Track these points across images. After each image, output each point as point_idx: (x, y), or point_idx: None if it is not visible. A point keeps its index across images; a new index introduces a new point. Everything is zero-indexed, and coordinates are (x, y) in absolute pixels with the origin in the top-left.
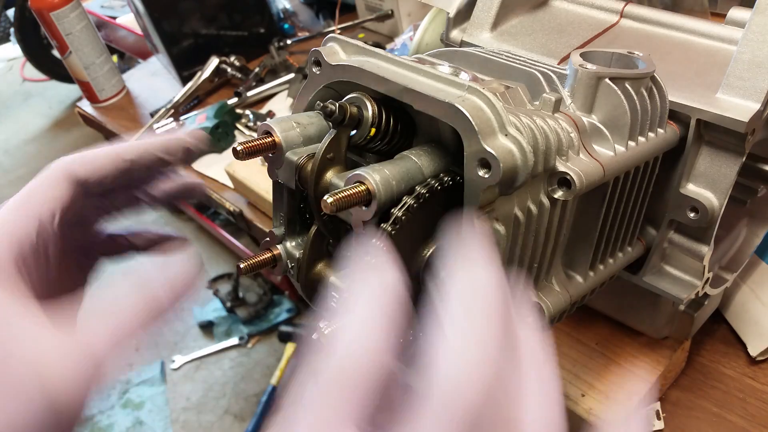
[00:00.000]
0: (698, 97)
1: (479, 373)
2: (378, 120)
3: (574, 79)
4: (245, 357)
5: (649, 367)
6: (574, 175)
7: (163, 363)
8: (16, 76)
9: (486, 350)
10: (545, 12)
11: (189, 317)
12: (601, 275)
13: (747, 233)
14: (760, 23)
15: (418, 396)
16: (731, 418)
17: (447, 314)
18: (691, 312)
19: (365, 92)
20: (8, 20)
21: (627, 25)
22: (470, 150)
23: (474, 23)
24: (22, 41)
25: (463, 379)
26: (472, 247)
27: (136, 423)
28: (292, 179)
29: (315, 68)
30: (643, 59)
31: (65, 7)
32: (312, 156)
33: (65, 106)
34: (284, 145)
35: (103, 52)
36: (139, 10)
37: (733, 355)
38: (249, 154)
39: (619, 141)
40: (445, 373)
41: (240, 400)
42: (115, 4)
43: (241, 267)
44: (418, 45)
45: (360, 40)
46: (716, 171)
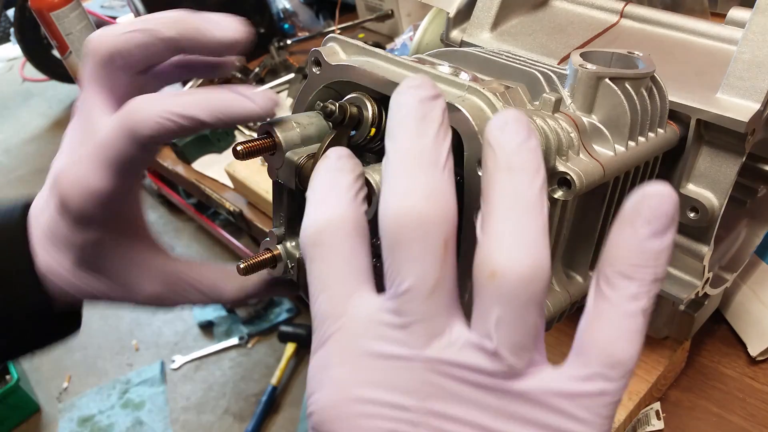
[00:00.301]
0: (698, 97)
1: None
2: (378, 120)
3: (574, 79)
4: (245, 357)
5: (649, 367)
6: (574, 175)
7: (163, 363)
8: (16, 76)
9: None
10: (545, 12)
11: (189, 317)
12: None
13: (747, 233)
14: (760, 23)
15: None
16: (731, 418)
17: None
18: (691, 312)
19: (365, 92)
20: (8, 20)
21: (627, 25)
22: (470, 150)
23: (474, 23)
24: (22, 41)
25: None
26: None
27: (136, 423)
28: (292, 179)
29: (315, 68)
30: (643, 59)
31: (65, 7)
32: (312, 156)
33: (65, 106)
34: (284, 145)
35: None
36: (139, 10)
37: (734, 355)
38: (249, 154)
39: (619, 141)
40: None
41: (240, 400)
42: (115, 4)
43: (241, 267)
44: (418, 45)
45: (360, 40)
46: (716, 171)
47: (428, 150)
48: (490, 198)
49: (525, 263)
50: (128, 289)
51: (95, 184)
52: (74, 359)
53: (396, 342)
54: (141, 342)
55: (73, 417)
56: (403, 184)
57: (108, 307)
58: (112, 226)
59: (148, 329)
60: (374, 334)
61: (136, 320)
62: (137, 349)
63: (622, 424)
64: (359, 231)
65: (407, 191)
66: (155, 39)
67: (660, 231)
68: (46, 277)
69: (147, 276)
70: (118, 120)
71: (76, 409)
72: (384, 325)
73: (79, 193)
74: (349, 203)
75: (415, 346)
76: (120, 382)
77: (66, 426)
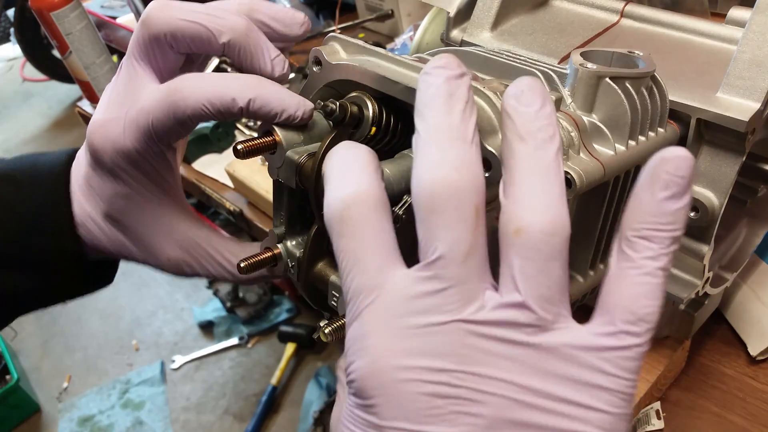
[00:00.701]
0: (698, 97)
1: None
2: (378, 119)
3: (574, 79)
4: (245, 357)
5: (649, 367)
6: (574, 175)
7: (163, 363)
8: (16, 76)
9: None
10: (545, 12)
11: (189, 317)
12: (601, 274)
13: (747, 233)
14: (760, 23)
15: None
16: (731, 417)
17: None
18: (692, 311)
19: (366, 91)
20: (8, 20)
21: (627, 24)
22: None
23: (474, 23)
24: (22, 41)
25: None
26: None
27: (136, 423)
28: (292, 178)
29: (315, 67)
30: (644, 59)
31: (65, 7)
32: (312, 155)
33: (65, 106)
34: (285, 144)
35: (103, 52)
36: (139, 10)
37: (734, 355)
38: (249, 153)
39: (620, 140)
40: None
41: (240, 400)
42: (115, 4)
43: (242, 266)
44: (418, 45)
45: (360, 40)
46: (716, 170)
47: (456, 125)
48: (510, 164)
49: (546, 218)
50: (151, 249)
51: (127, 144)
52: (74, 359)
53: (432, 308)
54: (141, 342)
55: (73, 417)
56: (435, 156)
57: (107, 309)
58: (141, 183)
59: (148, 329)
60: (410, 303)
61: (136, 320)
62: (137, 349)
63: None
64: (385, 206)
65: (440, 163)
66: (211, 38)
67: (678, 193)
68: (80, 226)
69: (169, 239)
70: (164, 93)
71: (76, 409)
72: (419, 294)
73: (111, 149)
74: (372, 177)
75: (451, 311)
76: (120, 382)
77: (66, 426)
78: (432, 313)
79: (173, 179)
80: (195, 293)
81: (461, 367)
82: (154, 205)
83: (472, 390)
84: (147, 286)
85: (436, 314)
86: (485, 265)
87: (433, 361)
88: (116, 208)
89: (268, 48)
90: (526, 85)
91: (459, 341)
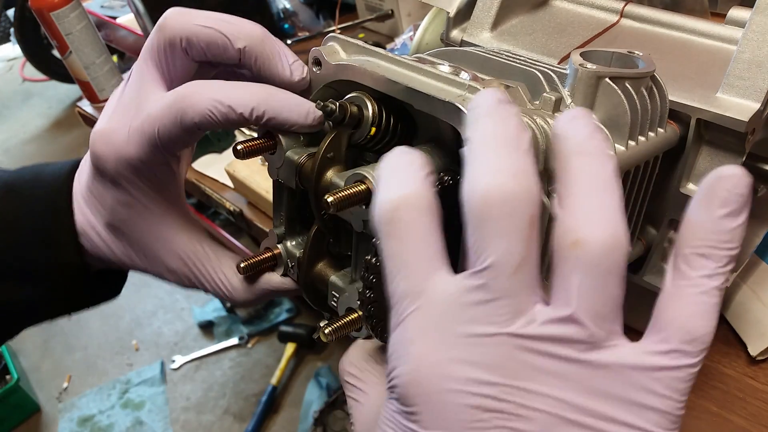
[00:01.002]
0: (698, 97)
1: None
2: (378, 119)
3: (574, 79)
4: (245, 357)
5: None
6: None
7: (163, 363)
8: (16, 76)
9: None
10: (545, 12)
11: (189, 317)
12: None
13: (747, 233)
14: (760, 23)
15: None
16: (732, 417)
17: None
18: None
19: (365, 91)
20: (8, 20)
21: (627, 24)
22: None
23: (474, 23)
24: (22, 41)
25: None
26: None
27: (136, 423)
28: (292, 178)
29: (315, 68)
30: (643, 59)
31: (65, 7)
32: (312, 155)
33: (65, 106)
34: (285, 145)
35: (103, 52)
36: (139, 10)
37: (734, 355)
38: (249, 154)
39: (620, 140)
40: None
41: (240, 400)
42: (115, 4)
43: (242, 266)
44: (418, 45)
45: (360, 40)
46: None
47: (513, 134)
48: (568, 178)
49: (607, 232)
50: (150, 259)
51: (131, 152)
52: (74, 359)
53: (480, 319)
54: (141, 342)
55: (73, 417)
56: (491, 163)
57: (107, 309)
58: (143, 193)
59: (148, 329)
60: (458, 311)
61: (136, 320)
62: (137, 349)
63: None
64: (434, 210)
65: (496, 170)
66: (227, 44)
67: (735, 211)
68: (82, 236)
69: (169, 250)
70: (171, 100)
71: (76, 409)
72: (468, 302)
73: (114, 157)
74: (423, 181)
75: (500, 323)
76: (120, 382)
77: (66, 426)
78: (480, 324)
79: (177, 189)
80: (195, 293)
81: (508, 381)
82: (156, 215)
83: (519, 405)
84: (147, 286)
85: (484, 325)
86: (537, 277)
87: (479, 373)
88: (118, 216)
89: (286, 53)
90: (579, 111)
91: (507, 354)
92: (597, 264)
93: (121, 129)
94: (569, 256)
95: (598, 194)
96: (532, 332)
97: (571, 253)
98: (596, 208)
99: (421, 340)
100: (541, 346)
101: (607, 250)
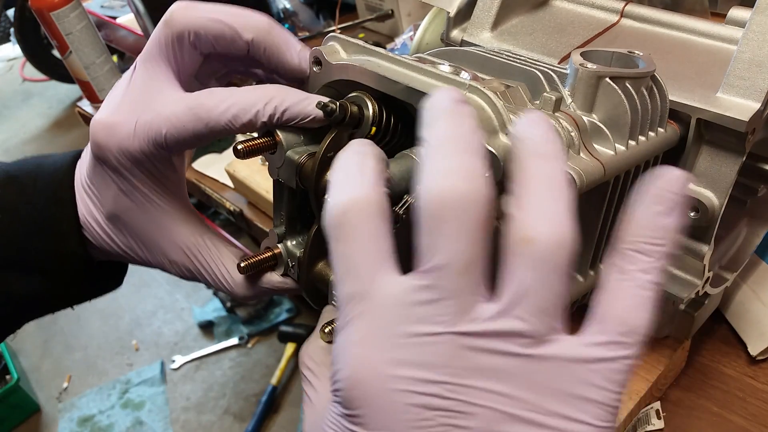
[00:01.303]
0: (698, 97)
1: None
2: (378, 119)
3: (574, 79)
4: (245, 357)
5: (649, 367)
6: (574, 175)
7: (163, 363)
8: (16, 76)
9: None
10: (545, 12)
11: (189, 317)
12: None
13: (747, 233)
14: (760, 23)
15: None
16: (732, 417)
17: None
18: (692, 311)
19: (366, 91)
20: (8, 20)
21: (627, 24)
22: None
23: (474, 23)
24: (22, 41)
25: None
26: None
27: (136, 423)
28: (292, 178)
29: (315, 67)
30: (644, 59)
31: (65, 7)
32: (313, 155)
33: (65, 106)
34: (285, 144)
35: (103, 52)
36: (139, 10)
37: (734, 355)
38: (250, 153)
39: (620, 140)
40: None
41: (240, 400)
42: (115, 4)
43: (242, 266)
44: (418, 44)
45: (360, 40)
46: (716, 170)
47: (466, 136)
48: (523, 179)
49: (556, 231)
50: (152, 250)
51: (134, 145)
52: (74, 359)
53: (425, 318)
54: (141, 342)
55: (73, 417)
56: (444, 165)
57: (107, 309)
58: (143, 183)
59: (148, 329)
60: (403, 312)
61: (136, 320)
62: (137, 349)
63: (623, 424)
64: (383, 213)
65: (448, 172)
66: (235, 36)
67: (668, 209)
68: (84, 226)
69: (171, 241)
70: (187, 105)
71: (76, 409)
72: (413, 302)
73: (116, 148)
74: (374, 184)
75: (444, 322)
76: (120, 382)
77: (66, 426)
78: (424, 323)
79: (178, 182)
80: (195, 293)
81: (452, 379)
82: (157, 206)
83: (463, 402)
84: (147, 286)
85: (428, 324)
86: (484, 277)
87: (423, 372)
88: (119, 206)
89: (293, 42)
90: (537, 114)
91: (451, 353)
92: (543, 260)
93: (127, 122)
94: (518, 252)
95: (552, 195)
96: (475, 329)
97: (519, 249)
98: (548, 208)
99: (363, 342)
100: (484, 343)
101: (554, 248)
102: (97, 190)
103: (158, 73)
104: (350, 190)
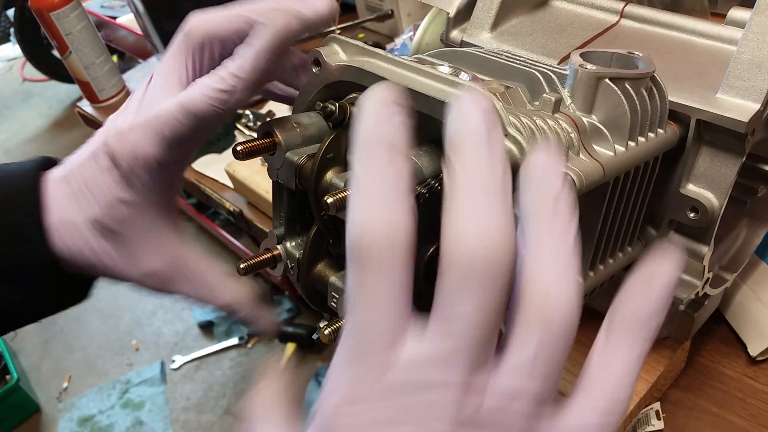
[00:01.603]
0: (698, 97)
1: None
2: None
3: (574, 79)
4: (245, 357)
5: (649, 367)
6: (574, 176)
7: (163, 363)
8: (16, 76)
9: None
10: (545, 12)
11: (189, 317)
12: (601, 275)
13: (747, 233)
14: (760, 23)
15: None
16: (731, 418)
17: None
18: (691, 312)
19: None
20: (8, 20)
21: (627, 25)
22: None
23: (474, 23)
24: (22, 41)
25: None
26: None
27: (136, 423)
28: (292, 179)
29: (315, 68)
30: (643, 59)
31: (65, 7)
32: (312, 156)
33: (65, 106)
34: (284, 146)
35: (103, 52)
36: (139, 10)
37: (733, 355)
38: (249, 154)
39: (619, 141)
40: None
41: (240, 400)
42: (115, 4)
43: (241, 267)
44: (418, 45)
45: (360, 40)
46: (716, 171)
47: (499, 178)
48: (533, 228)
49: (570, 300)
50: (132, 257)
51: (147, 150)
52: (74, 359)
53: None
54: (141, 342)
55: (73, 417)
56: (481, 214)
57: (107, 309)
58: (151, 192)
59: (148, 329)
60: (407, 374)
61: (136, 320)
62: (137, 349)
63: (623, 424)
64: (412, 248)
65: (485, 227)
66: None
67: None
68: (54, 232)
69: (158, 249)
70: (179, 99)
71: (76, 409)
72: (421, 365)
73: (130, 156)
74: (406, 207)
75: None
76: (120, 382)
77: (66, 426)
78: (429, 392)
79: (176, 192)
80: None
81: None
82: (153, 215)
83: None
84: None
85: (433, 393)
86: (495, 340)
87: None
88: (115, 213)
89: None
90: (552, 153)
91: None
92: (557, 332)
93: (140, 129)
94: (536, 315)
95: (564, 248)
96: (487, 404)
97: (538, 312)
98: (558, 269)
99: (347, 393)
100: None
101: (569, 318)
102: (94, 195)
103: (172, 83)
104: (379, 211)
